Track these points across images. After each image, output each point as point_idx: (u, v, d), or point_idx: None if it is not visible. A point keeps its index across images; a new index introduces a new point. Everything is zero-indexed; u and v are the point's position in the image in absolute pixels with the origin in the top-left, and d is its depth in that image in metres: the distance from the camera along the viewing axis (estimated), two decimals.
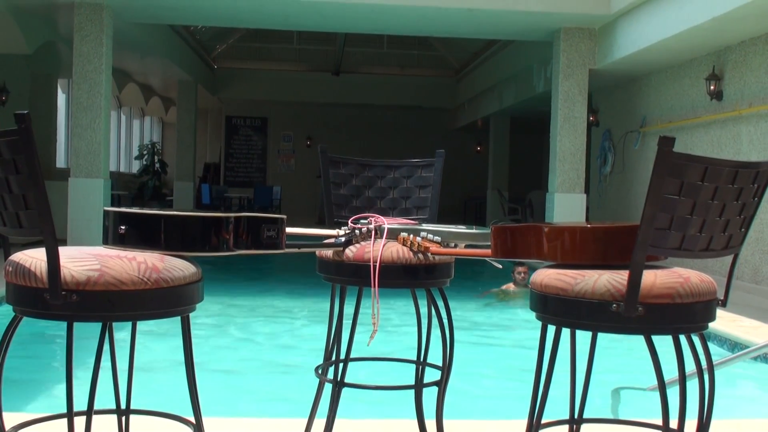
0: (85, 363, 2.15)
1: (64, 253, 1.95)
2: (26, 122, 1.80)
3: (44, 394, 4.68)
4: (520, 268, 8.70)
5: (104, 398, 2.44)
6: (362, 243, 2.61)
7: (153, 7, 11.22)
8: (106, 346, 2.19)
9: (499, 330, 7.54)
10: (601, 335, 2.42)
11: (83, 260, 1.93)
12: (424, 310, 3.07)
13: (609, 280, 2.02)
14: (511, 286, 8.82)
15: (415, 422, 3.01)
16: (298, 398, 4.14)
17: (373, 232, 2.62)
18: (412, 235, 2.57)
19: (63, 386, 1.98)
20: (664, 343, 2.09)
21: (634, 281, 1.96)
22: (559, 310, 2.10)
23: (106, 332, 2.01)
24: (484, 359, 6.13)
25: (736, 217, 2.10)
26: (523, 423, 2.29)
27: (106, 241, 2.17)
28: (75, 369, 1.99)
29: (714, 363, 2.28)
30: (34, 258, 1.95)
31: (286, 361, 5.96)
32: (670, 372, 2.14)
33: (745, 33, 8.82)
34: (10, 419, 2.30)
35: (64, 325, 1.97)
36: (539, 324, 2.22)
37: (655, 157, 1.90)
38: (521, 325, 7.49)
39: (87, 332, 2.14)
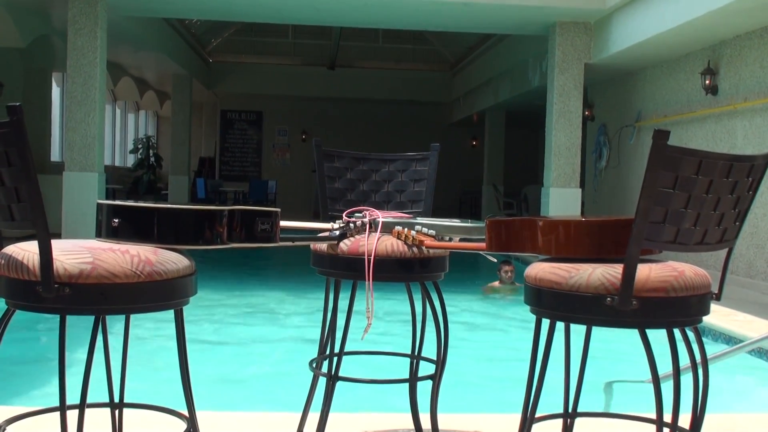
0: (78, 356, 2.14)
1: (57, 246, 1.94)
2: (18, 114, 1.79)
3: (37, 388, 4.67)
4: (506, 267, 8.68)
5: (98, 392, 2.43)
6: (357, 236, 2.61)
7: (147, 0, 11.19)
8: (99, 340, 2.18)
9: (493, 324, 7.54)
10: (595, 329, 2.42)
11: (76, 253, 1.92)
12: (418, 304, 3.06)
13: (603, 273, 2.02)
14: (496, 284, 8.81)
15: (409, 416, 3.01)
16: (292, 392, 4.14)
17: (367, 226, 2.61)
18: (406, 229, 2.56)
19: (56, 380, 1.97)
20: (658, 336, 2.09)
21: (629, 275, 1.96)
22: (553, 304, 2.10)
23: (99, 325, 2.00)
24: (478, 353, 6.13)
25: (730, 211, 2.09)
26: (518, 417, 2.29)
27: (99, 234, 2.17)
28: (68, 362, 1.98)
29: (708, 357, 2.28)
30: (27, 251, 1.94)
31: (280, 354, 5.96)
32: (665, 366, 2.13)
33: (740, 27, 8.83)
34: (3, 413, 2.29)
35: (57, 318, 1.96)
36: (533, 318, 2.21)
37: (650, 151, 1.89)
38: (515, 319, 7.49)
39: (80, 325, 2.13)
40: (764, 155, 2.11)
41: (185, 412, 2.19)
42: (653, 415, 2.07)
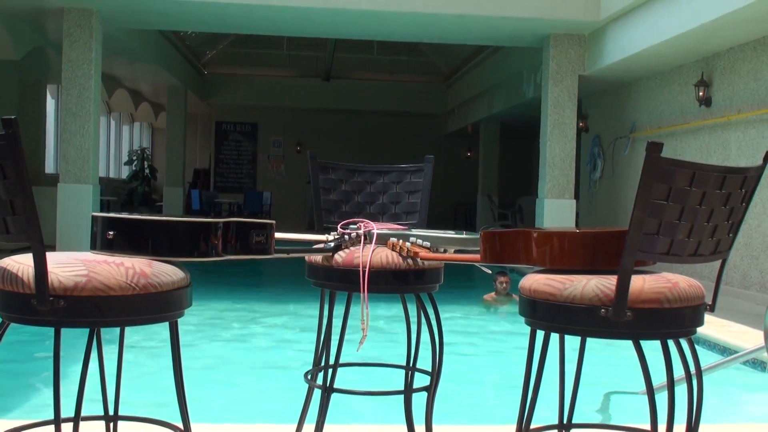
0: (73, 369, 2.14)
1: (52, 258, 1.94)
2: (13, 127, 1.79)
3: (32, 401, 4.65)
4: (502, 278, 8.67)
5: (92, 404, 2.43)
6: (351, 248, 2.61)
7: (142, 12, 11.20)
8: (94, 352, 2.18)
9: (487, 336, 7.54)
10: (590, 340, 2.42)
11: (71, 266, 1.93)
12: (413, 315, 3.07)
13: (597, 285, 2.02)
14: (492, 296, 8.81)
15: (404, 427, 3.01)
16: (288, 404, 4.13)
17: (362, 238, 2.62)
18: (401, 241, 2.56)
19: (51, 393, 1.97)
20: (653, 348, 2.10)
21: (623, 286, 1.96)
22: (548, 315, 2.10)
23: (94, 338, 2.00)
24: (473, 364, 6.13)
25: (724, 222, 2.10)
26: (513, 428, 2.29)
27: (94, 247, 2.17)
28: (63, 375, 1.98)
29: (703, 368, 2.28)
30: (22, 264, 1.94)
31: (276, 366, 5.95)
32: (660, 377, 2.14)
33: (734, 39, 8.87)
34: None
35: (52, 330, 1.96)
36: (528, 329, 2.22)
37: (644, 163, 1.90)
38: (510, 331, 7.49)
39: (75, 338, 2.13)
40: (757, 167, 2.13)
41: (180, 425, 2.19)
42: (648, 426, 2.07)
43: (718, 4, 7.77)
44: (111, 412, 2.53)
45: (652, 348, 2.08)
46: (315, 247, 2.63)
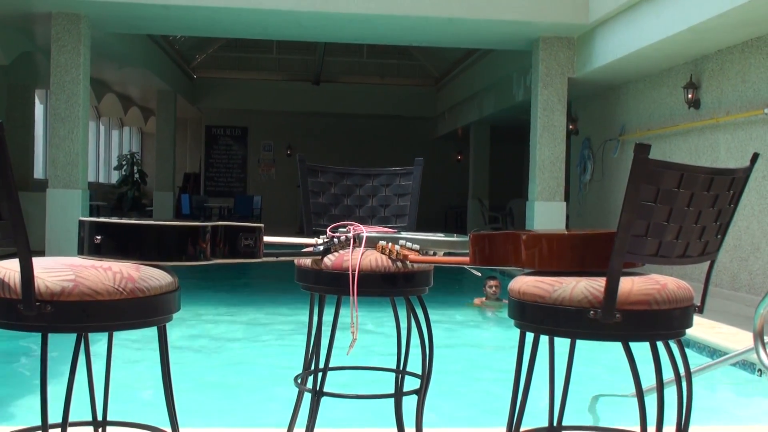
0: (61, 374, 2.13)
1: (39, 263, 1.93)
2: None
3: (19, 407, 4.63)
4: (491, 282, 8.67)
5: (81, 410, 2.41)
6: (341, 251, 2.61)
7: (131, 17, 11.18)
8: (82, 357, 2.17)
9: (477, 339, 7.54)
10: (580, 342, 2.42)
11: (57, 271, 1.91)
12: (403, 318, 3.06)
13: (586, 287, 2.02)
14: (483, 300, 8.80)
15: (394, 430, 3.00)
16: (278, 408, 4.12)
17: (351, 241, 2.61)
18: (390, 244, 2.56)
19: (38, 398, 1.95)
20: (643, 349, 2.10)
21: (612, 288, 1.96)
22: (537, 318, 2.10)
23: (82, 343, 1.98)
24: (463, 367, 6.13)
25: (712, 224, 2.11)
26: (503, 430, 2.29)
27: (81, 252, 2.15)
28: (51, 380, 1.96)
29: (693, 370, 2.29)
30: (8, 269, 1.93)
31: (265, 370, 5.93)
32: (649, 379, 2.14)
33: (722, 42, 8.90)
34: None
35: (39, 336, 1.94)
36: (517, 331, 2.21)
37: (631, 164, 1.91)
38: (499, 334, 7.49)
39: (62, 343, 2.12)
40: (744, 168, 2.13)
41: (169, 429, 2.18)
42: (638, 428, 2.07)
43: (706, 7, 7.81)
44: (99, 417, 2.52)
45: (641, 350, 2.08)
46: (304, 250, 2.63)
